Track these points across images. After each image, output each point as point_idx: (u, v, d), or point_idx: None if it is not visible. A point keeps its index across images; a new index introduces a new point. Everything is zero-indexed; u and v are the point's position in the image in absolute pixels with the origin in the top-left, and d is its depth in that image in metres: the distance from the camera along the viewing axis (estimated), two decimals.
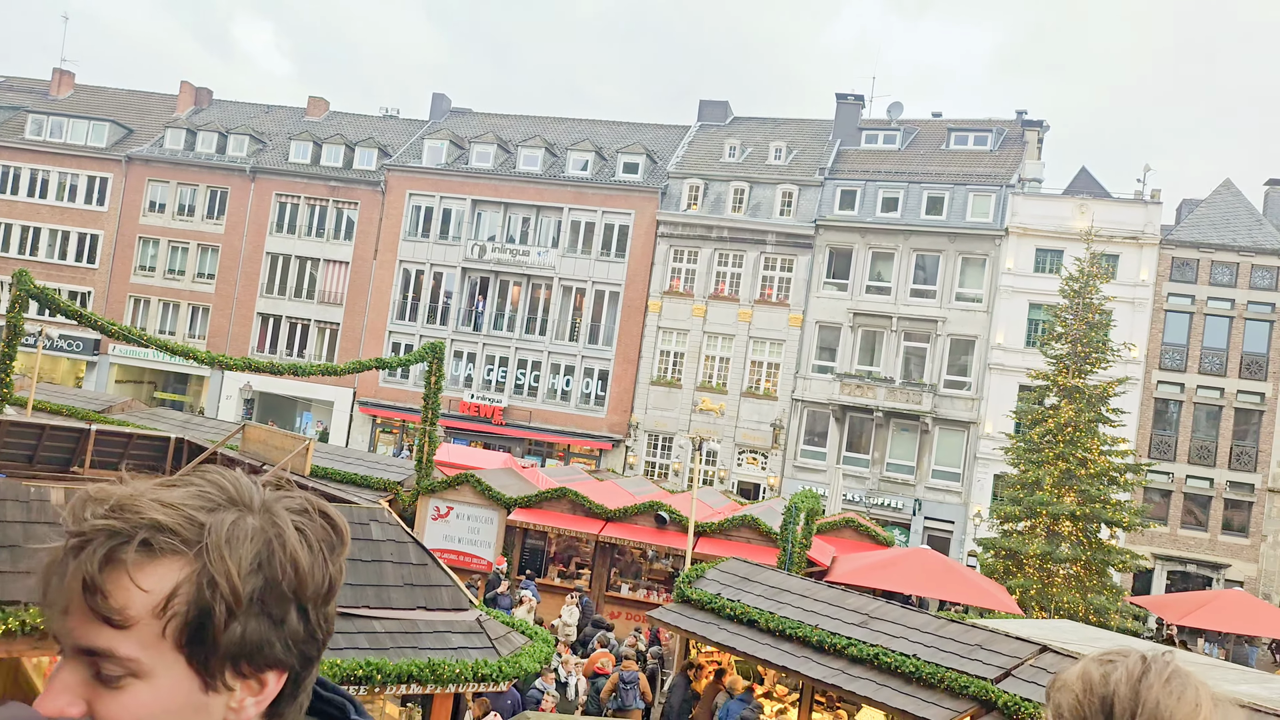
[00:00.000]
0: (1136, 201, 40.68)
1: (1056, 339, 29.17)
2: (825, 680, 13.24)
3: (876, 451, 41.95)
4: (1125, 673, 1.34)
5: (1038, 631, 16.18)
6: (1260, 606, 27.34)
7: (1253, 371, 38.81)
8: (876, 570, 21.79)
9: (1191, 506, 39.15)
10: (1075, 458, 27.11)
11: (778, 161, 46.28)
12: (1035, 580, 26.27)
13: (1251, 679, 15.78)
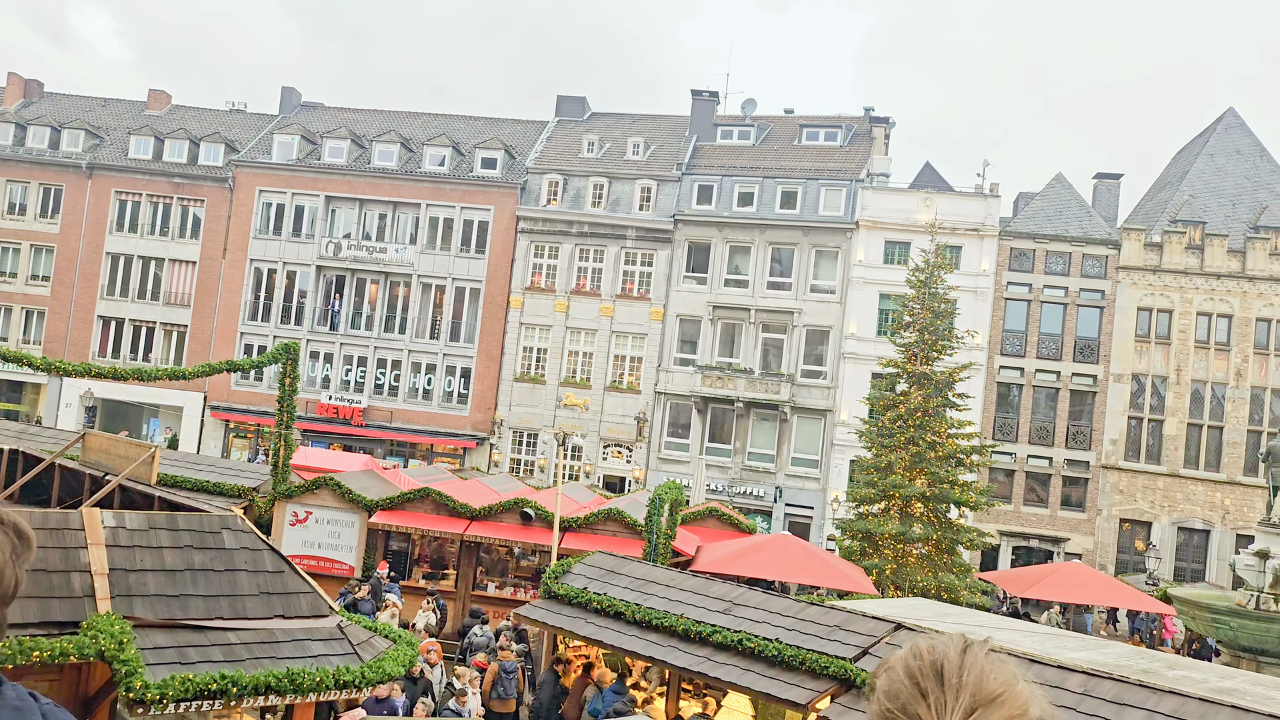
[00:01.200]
0: (977, 195, 42.55)
1: (905, 328, 30.26)
2: (691, 668, 13.47)
3: (738, 441, 42.77)
4: (950, 644, 1.49)
5: (893, 610, 16.81)
6: (1096, 577, 29.02)
7: (1085, 355, 41.11)
8: (739, 558, 22.24)
9: (1033, 484, 41.25)
10: (925, 441, 28.21)
11: (636, 157, 46.63)
12: (890, 561, 27.23)
13: (1089, 645, 16.76)
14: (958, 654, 1.48)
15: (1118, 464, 40.50)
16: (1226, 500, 39.78)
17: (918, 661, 1.49)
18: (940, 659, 1.48)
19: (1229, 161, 43.73)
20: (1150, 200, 46.22)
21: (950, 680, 1.46)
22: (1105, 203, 43.83)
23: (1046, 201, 42.85)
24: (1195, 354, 40.47)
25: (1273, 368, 39.95)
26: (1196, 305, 40.53)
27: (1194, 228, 41.10)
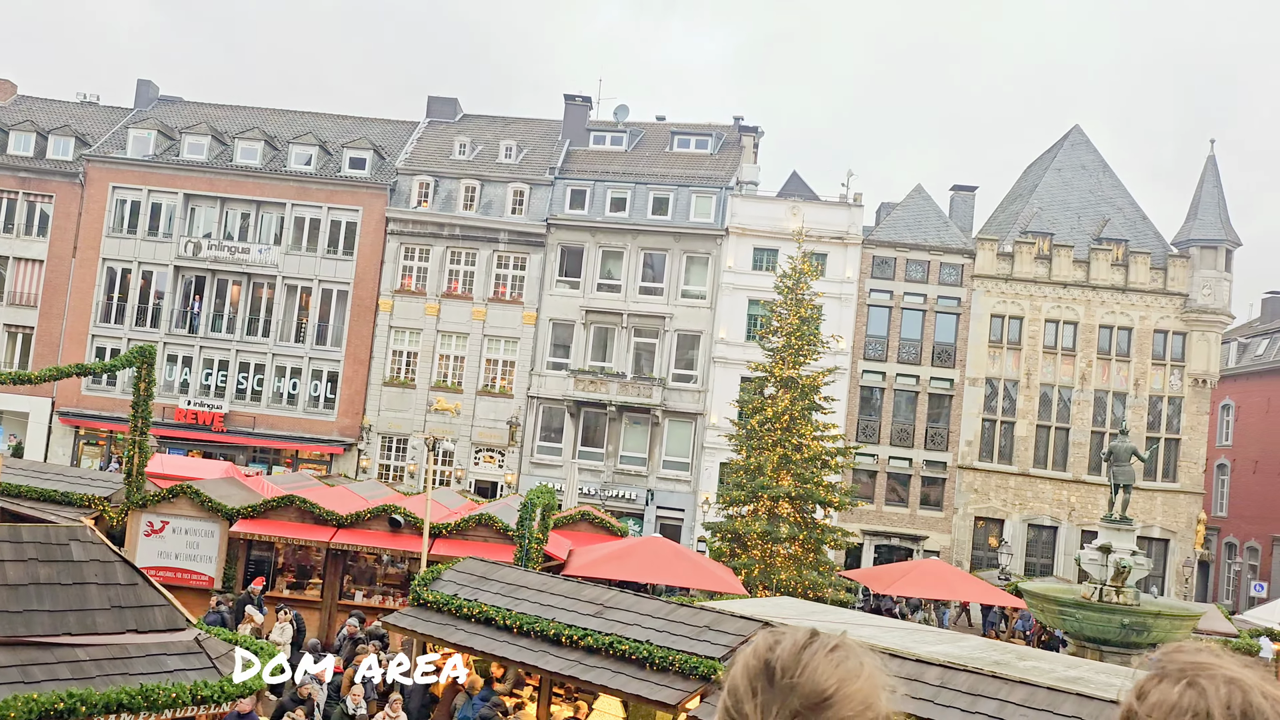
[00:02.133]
0: (841, 205, 43.78)
1: (773, 333, 30.94)
2: (563, 672, 13.48)
3: (610, 445, 42.95)
4: (791, 642, 1.48)
5: (761, 610, 17.16)
6: (953, 573, 30.21)
7: (943, 360, 42.71)
8: (611, 561, 22.35)
9: (894, 485, 42.63)
10: (792, 443, 28.90)
11: (509, 160, 46.38)
12: (759, 561, 27.78)
13: (946, 639, 17.43)
14: (793, 652, 1.46)
15: (973, 464, 42.20)
16: (1073, 498, 41.87)
17: (755, 659, 1.48)
18: (774, 657, 1.46)
19: (1075, 176, 46.08)
20: (1003, 211, 48.34)
21: (779, 680, 1.43)
22: (961, 213, 45.65)
23: (907, 211, 44.37)
24: (1044, 359, 42.49)
25: (1114, 372, 42.25)
26: (1045, 312, 42.57)
27: (1043, 239, 43.17)
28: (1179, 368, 42.12)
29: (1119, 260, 42.61)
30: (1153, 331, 42.24)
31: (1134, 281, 42.30)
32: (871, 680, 1.45)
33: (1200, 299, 41.86)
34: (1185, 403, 42.05)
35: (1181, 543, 41.64)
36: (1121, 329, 42.37)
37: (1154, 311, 42.23)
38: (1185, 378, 42.04)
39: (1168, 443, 41.94)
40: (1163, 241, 43.88)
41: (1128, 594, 21.51)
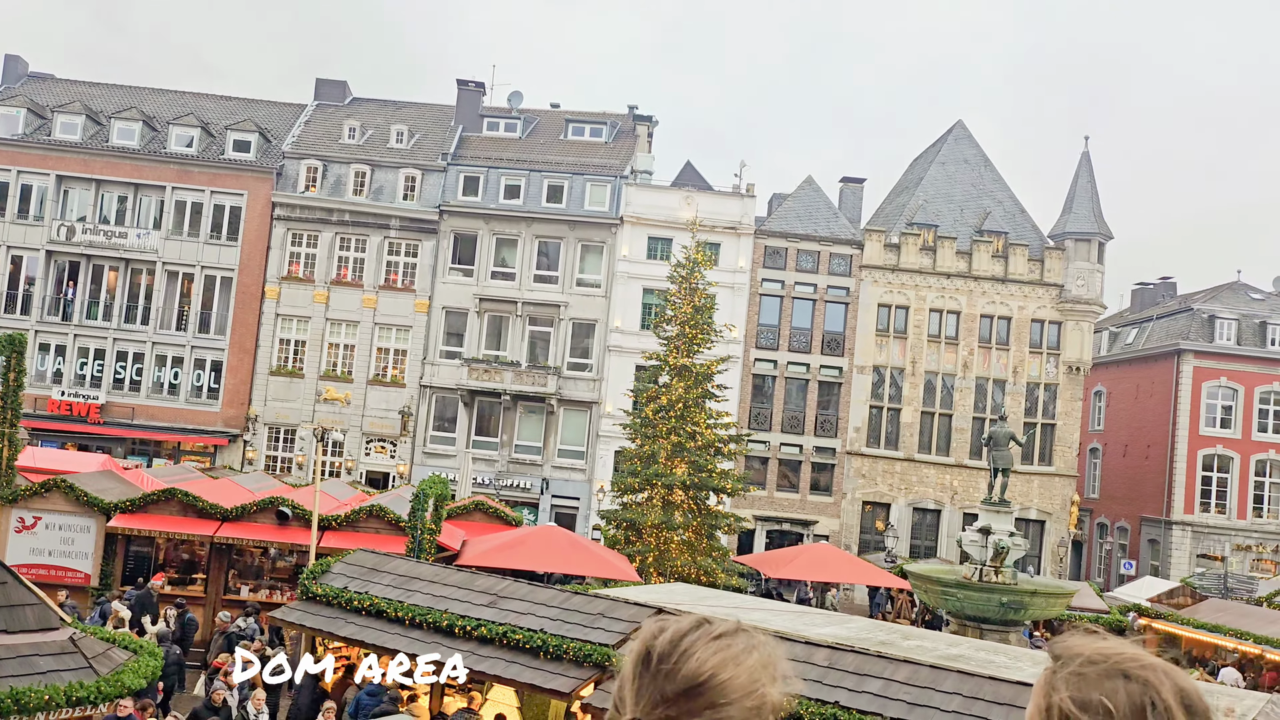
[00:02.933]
0: (734, 195, 44.28)
1: (668, 321, 31.16)
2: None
3: (505, 434, 42.72)
4: (675, 629, 1.48)
5: (655, 596, 17.31)
6: (842, 556, 30.95)
7: (832, 348, 43.62)
8: (506, 550, 22.27)
9: (785, 471, 43.40)
10: (686, 431, 29.18)
11: (400, 145, 45.61)
12: (653, 548, 28.01)
13: (835, 621, 17.86)
14: (674, 638, 1.46)
15: (861, 450, 43.24)
16: (955, 482, 43.26)
17: (639, 645, 1.49)
18: (655, 644, 1.46)
19: (958, 170, 47.48)
20: (890, 204, 49.53)
21: (656, 665, 1.43)
22: (850, 205, 46.62)
23: (798, 203, 45.12)
24: (928, 347, 43.74)
25: (994, 360, 43.74)
26: (930, 302, 43.80)
27: (927, 230, 44.39)
28: (1055, 356, 43.82)
29: (999, 252, 44.08)
30: (1030, 321, 43.85)
31: (1013, 273, 43.83)
32: (755, 669, 1.44)
33: (1074, 290, 43.60)
34: (1060, 389, 43.79)
35: (1056, 523, 43.40)
36: (1001, 318, 43.89)
37: (1031, 301, 43.84)
38: (1060, 365, 43.76)
39: (1044, 428, 43.64)
40: (1040, 234, 45.55)
41: (1006, 573, 22.33)
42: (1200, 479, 46.88)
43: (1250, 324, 48.05)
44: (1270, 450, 46.72)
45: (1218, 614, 27.66)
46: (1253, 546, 46.30)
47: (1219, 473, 46.95)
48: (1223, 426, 47.15)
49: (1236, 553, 45.73)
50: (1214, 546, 46.04)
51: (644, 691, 1.44)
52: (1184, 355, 47.31)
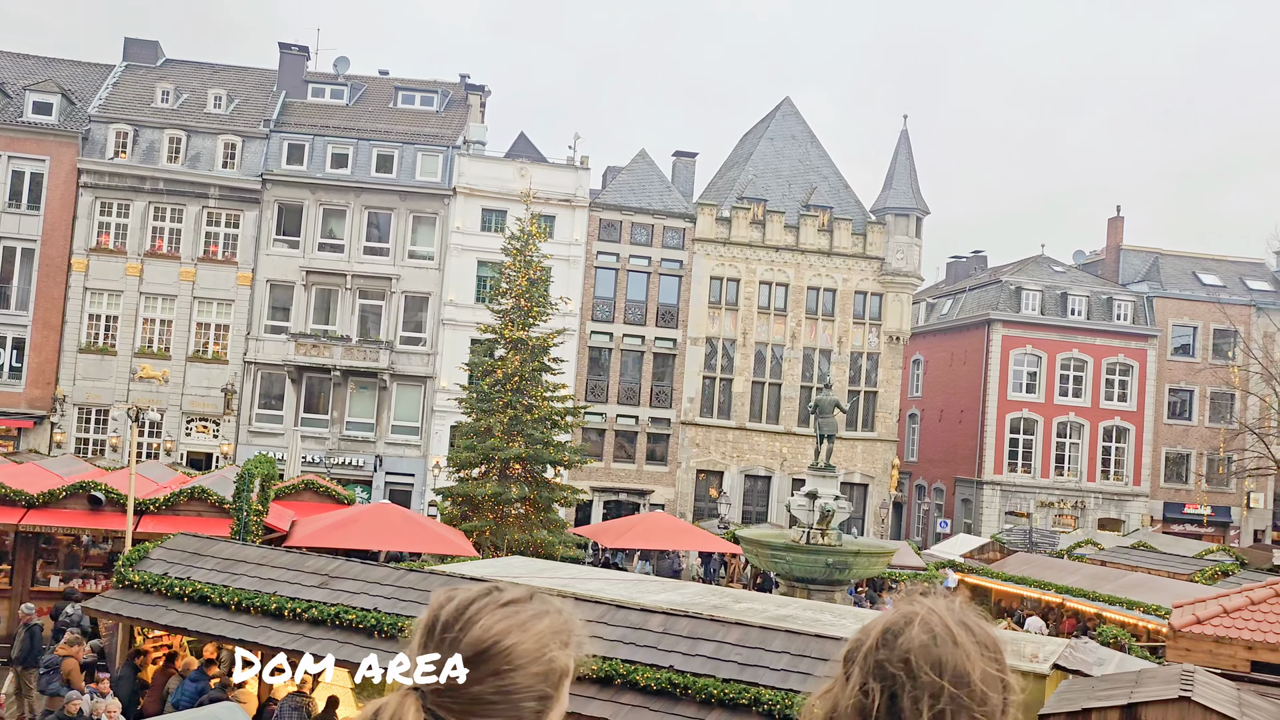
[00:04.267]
0: (569, 167, 44.20)
1: (502, 294, 30.93)
2: (286, 647, 13.04)
3: (336, 411, 41.63)
4: (464, 598, 1.49)
5: (491, 570, 17.28)
6: (677, 524, 31.57)
7: (666, 321, 44.25)
8: (337, 530, 21.77)
9: (622, 442, 43.88)
10: (522, 405, 29.11)
11: (218, 110, 43.52)
12: (490, 522, 27.89)
13: (670, 587, 18.24)
14: (460, 607, 1.46)
15: (695, 420, 44.11)
16: (785, 449, 44.68)
17: (427, 613, 1.50)
18: (441, 612, 1.47)
19: (786, 146, 48.74)
20: (721, 178, 50.43)
21: (440, 634, 1.44)
22: (683, 179, 47.25)
23: (632, 176, 45.43)
24: (759, 319, 44.91)
25: (820, 331, 45.28)
26: (760, 275, 44.94)
27: (757, 205, 45.46)
28: (876, 326, 45.70)
29: (824, 226, 45.56)
30: (854, 293, 45.56)
31: (838, 246, 45.40)
32: (543, 635, 1.45)
33: (894, 263, 45.52)
34: (882, 358, 45.73)
35: (878, 486, 45.44)
36: (827, 290, 45.43)
37: (855, 274, 45.54)
38: (881, 335, 45.68)
39: (867, 395, 45.52)
40: (863, 209, 47.29)
41: (832, 535, 23.28)
42: (1008, 441, 49.88)
43: (1053, 295, 51.25)
44: (1070, 413, 50.08)
45: (1023, 567, 29.60)
46: (1055, 503, 49.64)
47: (1025, 435, 50.06)
48: (1028, 391, 50.23)
49: (1040, 509, 48.94)
50: (1021, 504, 49.14)
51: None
52: (993, 325, 50.11)
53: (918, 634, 1.49)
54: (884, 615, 1.57)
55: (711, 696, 10.95)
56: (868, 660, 1.51)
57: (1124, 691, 9.84)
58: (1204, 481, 50.70)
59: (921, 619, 1.51)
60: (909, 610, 1.54)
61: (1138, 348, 50.63)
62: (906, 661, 1.47)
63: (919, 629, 1.50)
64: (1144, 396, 50.55)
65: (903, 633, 1.50)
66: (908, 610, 1.55)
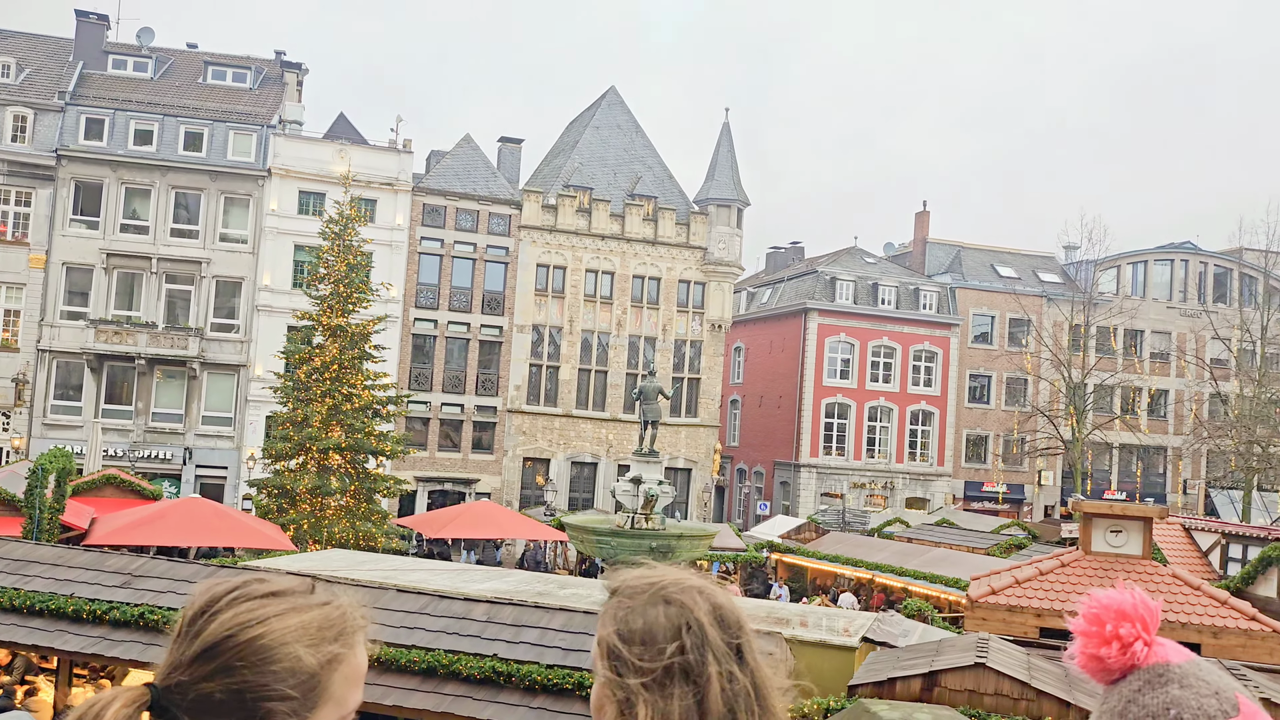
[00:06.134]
0: (391, 150, 43.21)
1: (320, 280, 30.00)
2: (85, 651, 12.33)
3: (141, 402, 39.49)
4: (218, 588, 1.40)
5: (309, 564, 16.79)
6: (503, 513, 31.42)
7: (492, 308, 43.91)
8: (143, 526, 20.69)
9: (447, 430, 43.34)
10: (341, 393, 28.33)
11: (7, 80, 40.46)
12: (308, 515, 27.08)
13: (495, 576, 18.17)
14: (209, 599, 1.38)
15: (521, 408, 43.99)
16: (610, 435, 45.11)
17: (187, 605, 1.42)
18: (193, 605, 1.40)
19: (611, 135, 49.06)
20: (548, 165, 50.37)
21: (184, 629, 1.36)
22: (509, 165, 46.93)
23: (456, 160, 44.80)
24: (585, 307, 45.13)
25: (645, 318, 45.88)
26: (586, 263, 45.14)
27: (583, 193, 45.61)
28: (699, 314, 46.65)
29: (649, 215, 46.14)
30: (678, 281, 46.36)
31: (662, 235, 46.07)
32: (291, 631, 1.35)
33: (717, 252, 46.55)
34: (705, 346, 46.73)
35: (701, 471, 46.47)
36: (651, 279, 46.06)
37: (679, 263, 46.33)
38: (705, 323, 46.67)
39: (690, 382, 46.44)
40: (686, 199, 48.14)
41: (655, 520, 23.66)
42: (824, 425, 51.86)
43: (865, 285, 53.52)
44: (880, 398, 52.47)
45: (836, 545, 30.88)
46: (866, 484, 51.96)
47: (839, 419, 52.16)
48: (842, 377, 52.33)
49: (853, 490, 51.14)
50: (835, 485, 51.21)
51: (169, 655, 1.36)
52: (810, 313, 51.93)
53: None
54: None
55: (536, 683, 11.00)
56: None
57: (926, 660, 10.44)
58: (1000, 461, 54.07)
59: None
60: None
61: (942, 336, 53.49)
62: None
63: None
64: (947, 382, 53.46)
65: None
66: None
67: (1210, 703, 1.25)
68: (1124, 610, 1.34)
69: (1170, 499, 53.65)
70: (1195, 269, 57.48)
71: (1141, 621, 1.34)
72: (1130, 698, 1.31)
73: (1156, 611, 1.35)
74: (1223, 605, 14.66)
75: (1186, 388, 54.81)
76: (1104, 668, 1.36)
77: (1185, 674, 1.29)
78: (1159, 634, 1.34)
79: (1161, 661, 1.32)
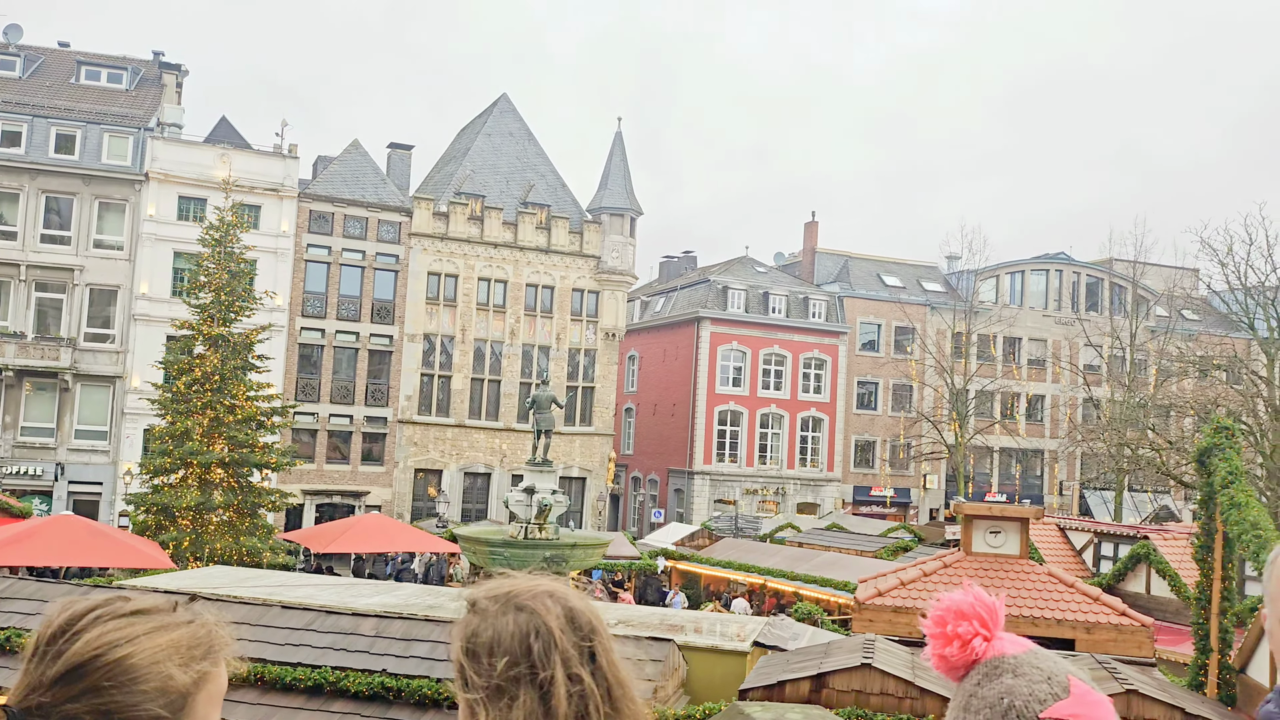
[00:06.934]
0: (276, 155, 42.18)
1: (201, 288, 29.07)
2: None
3: (9, 415, 37.68)
4: (77, 607, 1.37)
5: (189, 582, 16.23)
6: (394, 525, 30.85)
7: (382, 317, 43.19)
8: (10, 546, 19.72)
9: (336, 442, 42.43)
10: (224, 405, 27.47)
11: None
12: (189, 531, 26.18)
13: (383, 590, 17.82)
14: (70, 618, 1.35)
15: (412, 418, 43.34)
16: (504, 445, 44.77)
17: (39, 626, 1.39)
18: (50, 624, 1.37)
19: (504, 142, 48.80)
20: (439, 172, 49.82)
21: (44, 648, 1.34)
22: (399, 171, 46.27)
23: (344, 166, 43.97)
24: (478, 315, 44.74)
25: (539, 327, 45.71)
26: (478, 271, 44.77)
27: (475, 200, 45.24)
28: (594, 323, 46.69)
29: (543, 224, 46.02)
30: (571, 290, 46.32)
31: (555, 244, 45.99)
32: (160, 650, 1.34)
33: (610, 261, 46.67)
34: (599, 354, 46.77)
35: (596, 479, 46.46)
36: (545, 287, 45.92)
37: (572, 272, 46.30)
38: (599, 332, 46.72)
39: (584, 391, 46.41)
40: (580, 208, 48.15)
41: (549, 529, 23.52)
42: (717, 432, 52.39)
43: (756, 294, 54.29)
44: (771, 405, 53.27)
45: (729, 551, 31.20)
46: (758, 490, 52.66)
47: (731, 426, 52.77)
48: (734, 385, 52.96)
49: (746, 496, 51.77)
50: (728, 492, 51.76)
51: (25, 676, 1.33)
52: (703, 322, 52.44)
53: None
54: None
55: (426, 698, 10.82)
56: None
57: (814, 662, 10.60)
58: (888, 466, 55.41)
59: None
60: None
61: (830, 343, 54.58)
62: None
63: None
64: (836, 389, 54.56)
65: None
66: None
67: (1041, 688, 1.34)
68: (962, 610, 1.43)
69: (1047, 500, 55.73)
70: (1069, 279, 59.90)
71: (979, 619, 1.42)
72: (971, 691, 1.41)
73: (995, 608, 1.43)
74: (1095, 602, 15.26)
75: (1062, 393, 57.02)
76: (950, 666, 1.45)
77: (1020, 664, 1.38)
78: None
79: (999, 655, 1.41)
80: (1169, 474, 38.32)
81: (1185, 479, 34.97)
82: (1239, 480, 11.90)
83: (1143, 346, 49.58)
